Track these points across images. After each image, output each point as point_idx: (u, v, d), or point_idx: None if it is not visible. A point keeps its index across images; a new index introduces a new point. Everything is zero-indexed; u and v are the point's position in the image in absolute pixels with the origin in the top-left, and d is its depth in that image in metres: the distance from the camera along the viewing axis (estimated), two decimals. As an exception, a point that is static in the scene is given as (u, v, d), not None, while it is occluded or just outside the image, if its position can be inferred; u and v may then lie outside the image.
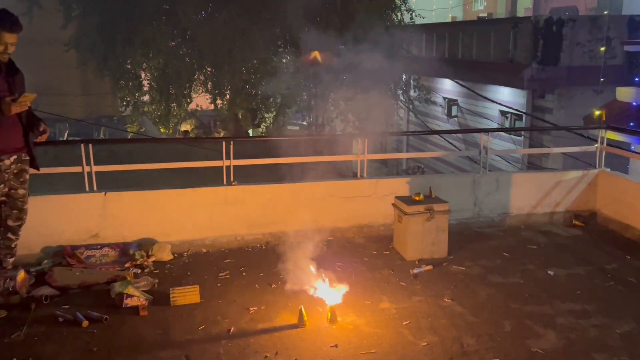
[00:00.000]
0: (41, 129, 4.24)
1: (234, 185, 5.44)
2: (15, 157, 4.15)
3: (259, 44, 12.59)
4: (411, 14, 14.68)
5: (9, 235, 4.32)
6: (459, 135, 14.63)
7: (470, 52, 14.68)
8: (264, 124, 15.74)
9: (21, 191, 4.27)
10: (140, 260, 4.86)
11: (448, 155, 13.68)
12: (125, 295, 4.10)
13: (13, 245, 4.36)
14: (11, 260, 4.40)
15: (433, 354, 3.54)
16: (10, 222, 4.29)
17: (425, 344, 3.65)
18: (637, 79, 11.02)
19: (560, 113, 12.17)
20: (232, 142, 5.47)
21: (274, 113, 15.16)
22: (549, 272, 4.79)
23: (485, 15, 26.77)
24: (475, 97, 14.27)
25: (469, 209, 5.94)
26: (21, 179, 4.25)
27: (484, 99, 13.48)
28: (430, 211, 5.00)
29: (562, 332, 3.79)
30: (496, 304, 4.21)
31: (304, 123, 14.64)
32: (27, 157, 4.26)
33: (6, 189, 4.17)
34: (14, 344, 3.60)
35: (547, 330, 3.82)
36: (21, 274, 4.28)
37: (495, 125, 13.73)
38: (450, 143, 13.89)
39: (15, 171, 4.19)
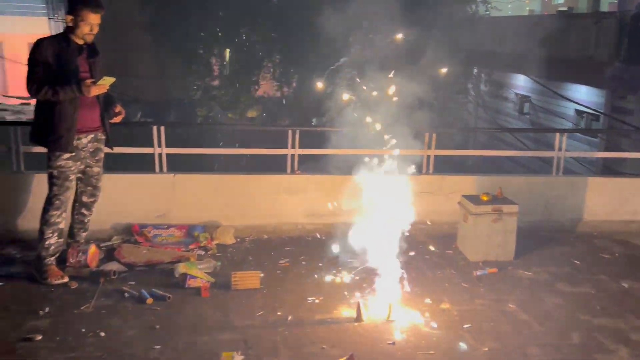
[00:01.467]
0: (117, 110, 4.39)
1: (298, 174, 5.45)
2: (92, 135, 4.32)
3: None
4: (487, 6, 14.20)
5: (83, 210, 4.51)
6: (531, 134, 14.08)
7: (548, 47, 14.04)
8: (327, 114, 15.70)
9: (96, 169, 4.44)
10: (205, 242, 4.97)
11: (517, 155, 13.19)
12: (188, 276, 4.20)
13: (86, 221, 4.55)
14: (84, 234, 4.60)
15: (494, 361, 3.42)
16: (84, 199, 4.48)
17: (487, 349, 3.53)
18: None
19: (642, 115, 11.46)
20: (297, 131, 5.48)
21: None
22: (623, 284, 4.52)
23: (565, 9, 25.54)
24: (549, 95, 13.66)
25: (539, 212, 5.68)
26: (96, 157, 4.42)
27: (559, 97, 12.89)
28: (498, 212, 4.83)
29: (635, 349, 3.57)
30: (564, 314, 4.01)
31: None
32: (103, 137, 4.42)
33: (82, 167, 4.34)
34: (83, 315, 3.77)
35: (618, 346, 3.61)
36: (92, 249, 4.47)
37: (569, 125, 13.11)
38: (521, 141, 13.38)
39: (91, 149, 4.36)
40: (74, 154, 4.18)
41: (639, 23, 11.25)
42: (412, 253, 4.97)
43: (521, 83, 15.40)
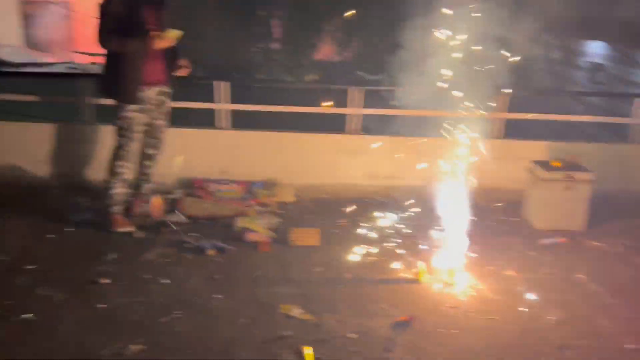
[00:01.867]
0: (183, 64, 4.40)
1: (359, 135, 5.34)
2: (157, 88, 4.35)
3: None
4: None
5: (146, 162, 4.59)
6: (603, 105, 13.33)
7: (627, 10, 13.13)
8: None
9: (160, 122, 4.49)
10: (264, 199, 4.98)
11: (592, 120, 12.55)
12: (248, 230, 4.22)
13: (149, 172, 4.64)
14: (148, 186, 4.69)
15: (560, 330, 3.27)
16: (149, 150, 4.56)
17: (553, 318, 3.38)
18: None
19: None
20: (357, 91, 5.35)
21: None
22: None
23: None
24: (626, 63, 12.86)
25: (615, 181, 5.33)
26: (162, 110, 4.47)
27: (636, 64, 12.10)
28: (570, 179, 4.57)
29: None
30: (638, 288, 3.79)
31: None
32: (168, 90, 4.45)
33: (149, 119, 4.40)
34: (147, 263, 3.86)
35: (698, 324, 3.38)
36: (156, 200, 4.55)
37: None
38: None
39: (157, 102, 4.40)
40: (141, 105, 4.24)
41: None
42: (476, 219, 4.81)
43: (596, 50, 14.57)
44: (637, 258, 4.23)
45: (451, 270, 3.78)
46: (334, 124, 5.69)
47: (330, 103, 5.30)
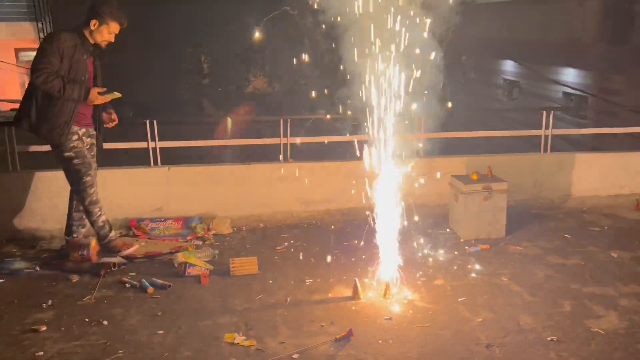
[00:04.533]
0: (112, 117, 4.54)
1: (291, 162, 5.53)
2: (84, 130, 4.43)
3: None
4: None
5: (81, 207, 4.58)
6: (521, 118, 14.20)
7: (534, 31, 14.17)
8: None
9: (92, 165, 4.51)
10: (201, 233, 5.05)
11: (505, 135, 13.31)
12: (187, 265, 4.28)
13: (84, 217, 4.63)
14: (83, 230, 4.67)
15: (488, 330, 3.52)
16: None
17: (481, 320, 3.64)
18: None
19: (630, 95, 11.59)
20: (289, 121, 5.56)
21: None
22: (612, 254, 4.64)
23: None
24: (537, 79, 13.80)
25: (528, 190, 5.79)
26: (92, 153, 4.52)
27: (547, 80, 13.01)
28: (488, 190, 4.93)
29: (624, 314, 3.68)
30: (555, 285, 4.12)
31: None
32: (94, 133, 4.53)
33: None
34: (85, 306, 3.84)
35: (608, 312, 3.72)
36: (93, 243, 4.53)
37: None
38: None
39: (87, 145, 4.44)
40: (76, 136, 4.31)
41: (623, 4, 11.38)
42: (406, 233, 5.08)
43: (510, 69, 15.54)
44: (551, 258, 4.59)
45: (385, 284, 3.98)
46: (268, 154, 5.87)
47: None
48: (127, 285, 4.10)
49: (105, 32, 4.22)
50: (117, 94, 4.28)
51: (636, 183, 5.94)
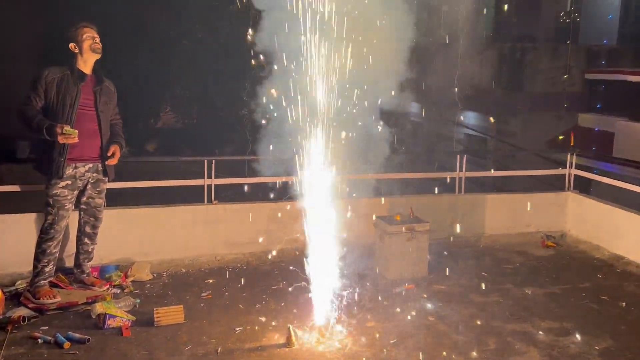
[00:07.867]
0: (109, 153, 4.41)
1: (215, 204, 5.41)
2: (90, 165, 4.36)
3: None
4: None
5: (87, 240, 4.56)
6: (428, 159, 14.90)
7: (437, 76, 15.05)
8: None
9: (98, 200, 4.50)
10: (118, 281, 4.76)
11: (417, 181, 13.91)
12: (107, 316, 4.00)
13: (90, 250, 4.61)
14: (89, 264, 4.64)
15: (421, 372, 3.58)
16: (87, 229, 4.54)
17: (413, 361, 3.69)
18: (598, 106, 11.53)
19: (524, 137, 12.58)
20: (213, 161, 5.46)
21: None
22: (526, 291, 4.92)
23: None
24: (441, 121, 14.61)
25: (446, 230, 6.03)
26: (98, 189, 4.46)
27: (450, 122, 13.81)
28: (411, 231, 5.08)
29: (544, 349, 3.89)
30: (478, 323, 4.28)
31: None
32: (102, 168, 4.43)
33: (85, 198, 4.42)
34: (-9, 367, 3.47)
35: (529, 348, 3.91)
36: (-3, 294, 4.15)
37: (460, 148, 14.06)
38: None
39: (92, 180, 4.40)
40: (69, 182, 4.21)
41: (516, 54, 12.44)
42: (333, 275, 5.08)
43: (415, 110, 16.34)
44: (472, 296, 4.78)
45: (317, 329, 3.94)
46: (189, 196, 5.70)
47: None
48: (40, 341, 3.75)
49: (86, 41, 4.26)
50: (75, 131, 4.10)
51: (541, 221, 6.39)
